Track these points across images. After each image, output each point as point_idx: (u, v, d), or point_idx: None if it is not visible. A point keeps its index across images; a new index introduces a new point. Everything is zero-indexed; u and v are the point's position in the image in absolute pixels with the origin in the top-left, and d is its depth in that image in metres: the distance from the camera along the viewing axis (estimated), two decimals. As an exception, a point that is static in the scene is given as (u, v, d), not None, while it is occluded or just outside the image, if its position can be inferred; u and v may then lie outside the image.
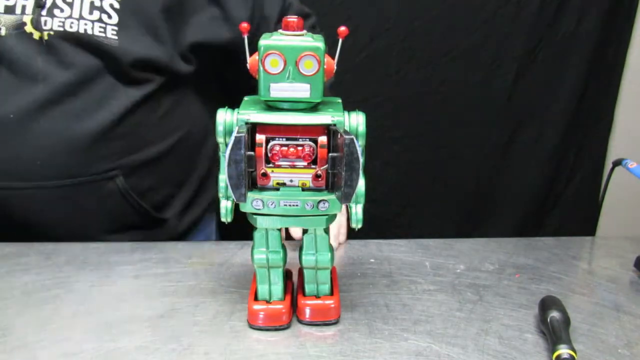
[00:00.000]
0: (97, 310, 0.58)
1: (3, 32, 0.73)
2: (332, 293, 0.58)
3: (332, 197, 0.51)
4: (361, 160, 0.46)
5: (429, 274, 0.68)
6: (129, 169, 0.79)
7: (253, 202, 0.51)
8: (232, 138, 0.45)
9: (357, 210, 0.55)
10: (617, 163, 0.74)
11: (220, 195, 0.54)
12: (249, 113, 0.50)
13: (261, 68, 0.48)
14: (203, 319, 0.57)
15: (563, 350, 0.49)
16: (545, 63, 1.32)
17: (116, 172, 0.78)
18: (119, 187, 0.79)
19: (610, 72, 1.39)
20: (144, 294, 0.61)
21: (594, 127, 1.42)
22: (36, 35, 0.73)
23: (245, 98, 0.54)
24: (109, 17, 0.74)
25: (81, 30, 0.73)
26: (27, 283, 0.63)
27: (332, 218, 0.53)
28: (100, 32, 0.73)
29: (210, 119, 0.90)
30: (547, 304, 0.57)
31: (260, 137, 0.50)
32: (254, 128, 0.50)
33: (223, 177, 0.53)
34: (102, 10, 0.73)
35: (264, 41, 0.48)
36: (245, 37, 0.51)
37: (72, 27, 0.73)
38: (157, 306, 0.59)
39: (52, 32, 0.73)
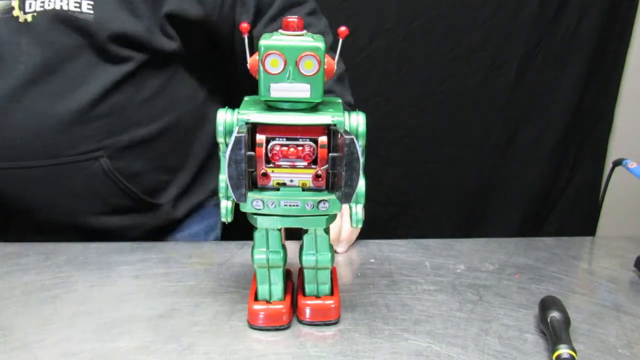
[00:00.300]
0: (97, 310, 0.58)
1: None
2: (332, 293, 0.58)
3: (333, 197, 0.51)
4: (361, 160, 0.46)
5: (429, 274, 0.68)
6: (113, 150, 0.79)
7: (253, 202, 0.51)
8: (232, 138, 0.45)
9: (357, 210, 0.55)
10: (617, 163, 0.74)
11: (221, 195, 0.54)
12: (249, 113, 0.50)
13: (261, 68, 0.48)
14: (203, 319, 0.57)
15: (563, 350, 0.49)
16: (545, 63, 1.32)
17: (100, 152, 0.78)
18: (103, 169, 0.79)
19: (610, 72, 1.38)
20: (144, 294, 0.61)
21: (594, 127, 1.42)
22: (22, 18, 0.74)
23: (246, 98, 0.54)
24: None
25: (57, 7, 0.73)
26: (27, 283, 0.63)
27: (332, 218, 0.53)
28: (75, 7, 0.74)
29: (207, 103, 0.89)
30: (547, 304, 0.57)
31: (260, 137, 0.50)
32: (254, 128, 0.50)
33: (223, 177, 0.53)
34: None
35: (264, 41, 0.48)
36: (246, 37, 0.51)
37: (49, 5, 0.73)
38: (157, 306, 0.59)
39: (35, 14, 0.74)
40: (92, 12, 0.74)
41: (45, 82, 0.75)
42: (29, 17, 0.74)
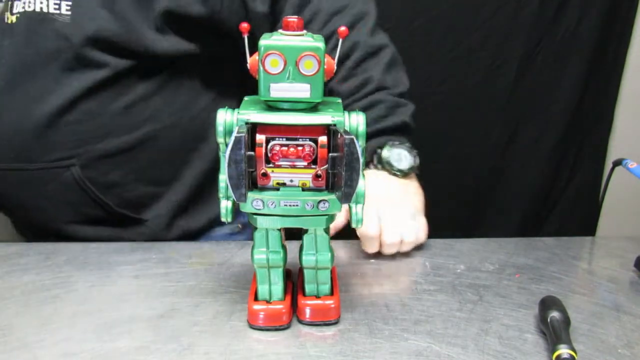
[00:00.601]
0: (97, 310, 0.58)
1: None
2: (332, 293, 0.58)
3: (332, 197, 0.51)
4: (361, 160, 0.46)
5: (429, 274, 0.68)
6: (87, 159, 0.76)
7: (253, 202, 0.51)
8: (232, 138, 0.45)
9: (357, 210, 0.55)
10: (617, 163, 0.74)
11: (221, 195, 0.54)
12: (249, 113, 0.50)
13: (261, 68, 0.48)
14: (203, 319, 0.57)
15: (563, 350, 0.49)
16: (545, 63, 1.32)
17: (72, 161, 0.75)
18: (75, 178, 0.76)
19: (610, 72, 1.39)
20: (144, 294, 0.61)
21: (594, 127, 1.42)
22: (9, 19, 0.73)
23: (245, 98, 0.54)
24: None
25: (37, 9, 0.72)
26: (27, 283, 0.63)
27: (332, 218, 0.53)
28: (55, 9, 0.71)
29: (214, 108, 0.82)
30: (547, 304, 0.56)
31: (260, 137, 0.50)
32: (254, 128, 0.50)
33: (223, 177, 0.53)
34: None
35: (264, 41, 0.48)
36: (246, 37, 0.51)
37: (30, 6, 0.72)
38: (157, 306, 0.59)
39: (18, 15, 0.73)
40: (69, 12, 0.71)
41: (22, 85, 0.74)
42: (14, 19, 0.73)
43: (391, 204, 0.72)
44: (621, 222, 1.43)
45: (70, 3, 0.72)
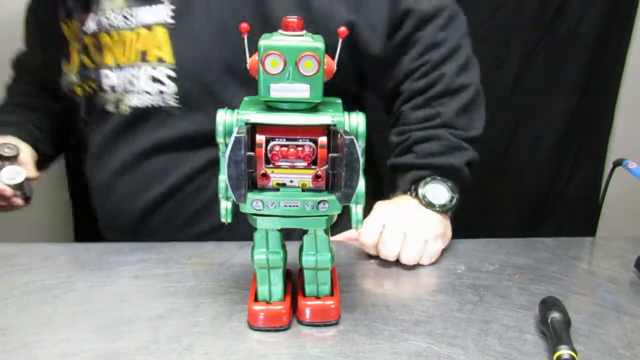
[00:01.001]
0: (97, 310, 0.58)
1: (110, 109, 0.80)
2: (332, 294, 0.58)
3: (332, 197, 0.51)
4: (361, 160, 0.46)
5: (429, 275, 0.68)
6: (191, 236, 0.80)
7: (253, 203, 0.51)
8: (232, 138, 0.45)
9: (358, 210, 0.55)
10: (617, 163, 0.74)
11: (220, 195, 0.54)
12: (249, 113, 0.50)
13: (261, 68, 0.48)
14: (203, 319, 0.57)
15: (563, 351, 0.49)
16: (545, 63, 1.32)
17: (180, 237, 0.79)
18: None
19: (610, 72, 1.38)
20: (144, 294, 0.61)
21: (594, 127, 1.42)
22: (123, 110, 0.78)
23: (245, 98, 0.54)
24: (167, 86, 0.75)
25: (149, 104, 0.76)
26: (27, 283, 0.63)
27: (331, 219, 0.53)
28: (164, 102, 0.75)
29: None
30: (547, 304, 0.56)
31: (260, 138, 0.50)
32: (253, 128, 0.50)
33: (223, 178, 0.53)
34: (160, 81, 0.75)
35: (263, 41, 0.48)
36: (245, 37, 0.51)
37: (142, 102, 0.76)
38: (157, 306, 0.59)
39: (130, 109, 0.77)
40: (179, 105, 0.75)
41: (130, 172, 0.78)
42: (127, 110, 0.77)
43: (405, 220, 0.70)
44: (621, 222, 1.43)
45: (178, 97, 0.75)
